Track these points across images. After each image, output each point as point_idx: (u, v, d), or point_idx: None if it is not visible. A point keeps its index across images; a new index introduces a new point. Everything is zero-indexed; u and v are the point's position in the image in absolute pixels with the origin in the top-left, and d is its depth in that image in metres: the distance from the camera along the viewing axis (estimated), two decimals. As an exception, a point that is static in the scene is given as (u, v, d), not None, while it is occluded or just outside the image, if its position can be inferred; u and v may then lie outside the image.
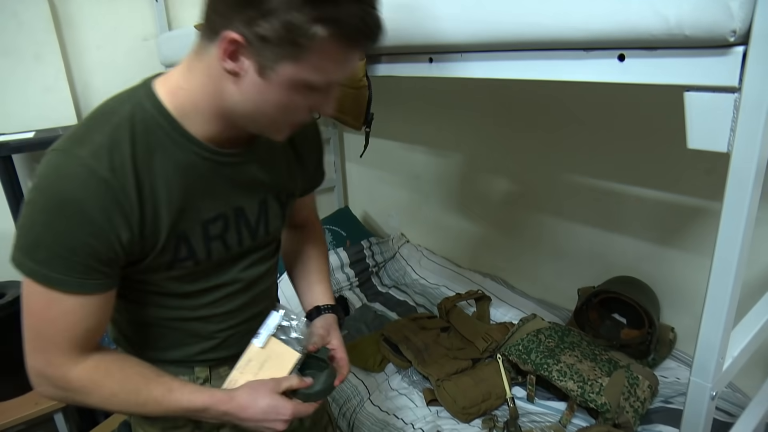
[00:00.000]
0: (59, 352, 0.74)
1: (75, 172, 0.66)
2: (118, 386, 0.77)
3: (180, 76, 0.73)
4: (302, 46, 0.64)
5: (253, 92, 0.69)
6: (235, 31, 0.64)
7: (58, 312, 0.71)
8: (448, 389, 1.54)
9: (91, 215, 0.67)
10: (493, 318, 1.93)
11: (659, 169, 1.64)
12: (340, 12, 0.63)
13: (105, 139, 0.68)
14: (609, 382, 1.45)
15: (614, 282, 1.73)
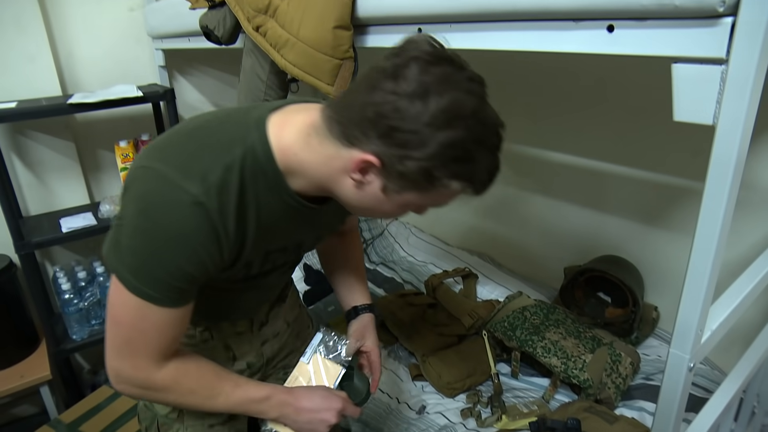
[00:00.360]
0: (147, 357, 0.80)
1: (188, 211, 0.70)
2: (195, 384, 0.85)
3: (296, 142, 0.76)
4: (432, 189, 0.70)
5: (369, 199, 0.74)
6: (374, 155, 0.68)
7: (151, 323, 0.77)
8: (433, 365, 1.56)
9: (196, 250, 0.72)
10: (479, 295, 1.95)
11: (647, 149, 1.65)
12: (476, 169, 0.69)
13: (217, 180, 0.71)
14: (592, 358, 1.47)
15: (600, 261, 1.74)
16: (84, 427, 1.67)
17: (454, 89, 0.66)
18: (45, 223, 1.94)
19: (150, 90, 1.97)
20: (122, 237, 0.73)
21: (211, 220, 0.72)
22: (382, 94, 0.66)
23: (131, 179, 0.74)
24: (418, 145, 0.65)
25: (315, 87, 1.00)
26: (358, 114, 0.68)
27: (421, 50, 0.67)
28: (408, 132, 0.65)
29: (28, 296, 1.95)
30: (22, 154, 1.97)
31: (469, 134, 0.66)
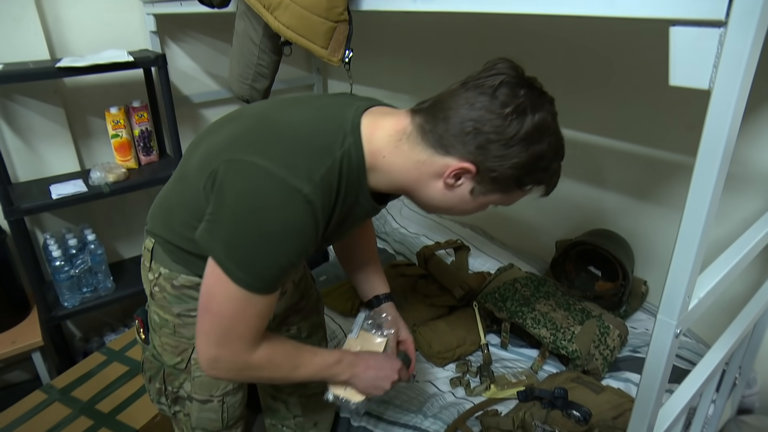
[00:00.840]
0: (246, 342, 0.86)
1: (301, 207, 0.77)
2: (282, 359, 0.93)
3: (386, 146, 0.85)
4: (515, 191, 0.85)
5: (455, 200, 0.86)
6: (471, 161, 0.80)
7: (254, 311, 0.84)
8: (423, 334, 1.57)
9: (304, 243, 0.80)
10: (471, 267, 1.96)
11: (641, 124, 1.64)
12: (550, 175, 0.85)
13: (320, 179, 0.79)
14: (581, 330, 1.49)
15: (592, 234, 1.75)
16: (76, 392, 1.68)
17: (541, 110, 0.79)
18: (34, 189, 1.92)
19: (141, 55, 1.94)
20: (231, 236, 0.79)
21: (316, 216, 0.79)
22: (481, 113, 0.77)
23: (226, 173, 0.78)
24: (512, 156, 0.78)
25: (308, 50, 0.98)
26: (457, 127, 0.79)
27: (508, 74, 0.81)
28: (504, 145, 0.77)
29: (19, 263, 1.94)
30: (10, 119, 1.94)
31: (550, 148, 0.80)
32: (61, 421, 1.57)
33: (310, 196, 0.77)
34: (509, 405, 1.39)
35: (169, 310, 1.01)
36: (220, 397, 1.11)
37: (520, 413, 1.28)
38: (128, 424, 1.56)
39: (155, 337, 1.07)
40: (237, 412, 1.17)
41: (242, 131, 0.83)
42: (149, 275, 1.03)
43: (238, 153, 0.79)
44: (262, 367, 0.91)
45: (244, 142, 0.81)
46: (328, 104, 0.89)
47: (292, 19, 0.98)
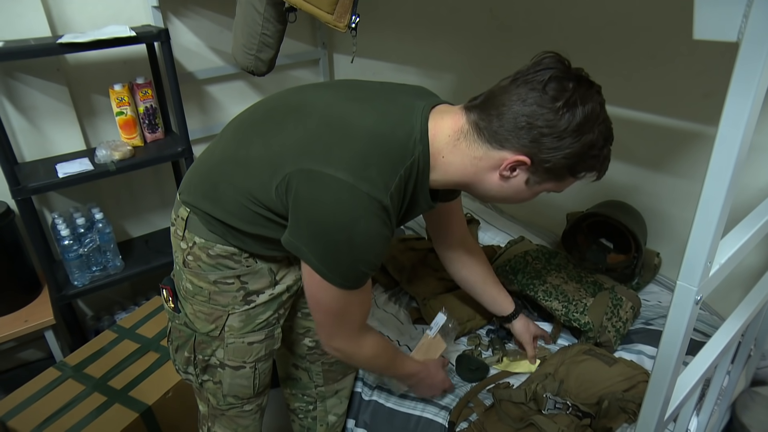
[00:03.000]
0: (354, 332, 1.02)
1: (383, 216, 0.85)
2: (382, 351, 1.11)
3: (446, 146, 0.91)
4: (569, 179, 0.90)
5: (511, 191, 0.92)
6: (525, 154, 0.85)
7: (355, 303, 0.96)
8: (433, 307, 1.56)
9: (387, 244, 0.90)
10: (481, 241, 1.94)
11: (654, 92, 1.60)
12: (602, 161, 0.90)
13: (395, 188, 0.86)
14: (593, 302, 1.47)
15: (603, 206, 1.72)
16: (89, 369, 1.70)
17: (590, 101, 0.83)
18: (41, 168, 1.92)
19: (143, 31, 1.90)
20: (325, 249, 0.86)
21: (392, 221, 0.88)
22: (533, 108, 0.82)
23: (303, 184, 0.83)
24: (566, 146, 0.83)
25: (314, 16, 0.95)
26: (511, 123, 0.84)
27: (556, 68, 0.84)
28: (557, 137, 0.82)
29: (28, 243, 1.94)
30: (14, 98, 1.93)
31: (600, 135, 0.85)
32: (75, 398, 1.59)
33: (388, 206, 0.85)
34: (521, 378, 1.38)
35: (204, 277, 1.04)
36: (253, 363, 1.15)
37: (532, 385, 1.28)
38: (141, 400, 1.57)
39: (186, 305, 1.10)
40: (267, 378, 1.22)
41: (312, 136, 0.87)
42: (182, 244, 1.05)
43: (312, 163, 0.83)
44: (368, 355, 1.06)
45: (317, 151, 0.85)
46: (394, 104, 0.93)
47: (297, -16, 0.95)
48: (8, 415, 1.54)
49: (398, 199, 0.88)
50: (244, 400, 1.20)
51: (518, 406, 1.25)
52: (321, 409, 1.41)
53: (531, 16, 1.78)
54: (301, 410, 1.43)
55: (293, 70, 2.63)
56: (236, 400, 1.20)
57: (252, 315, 1.11)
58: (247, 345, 1.11)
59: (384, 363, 1.13)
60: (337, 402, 1.42)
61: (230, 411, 1.22)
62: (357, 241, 0.85)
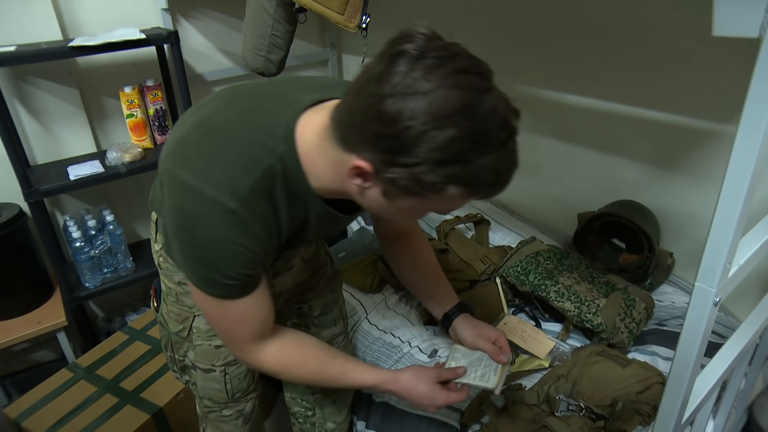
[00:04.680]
0: (246, 343, 0.90)
1: (226, 221, 0.74)
2: (301, 369, 0.94)
3: (314, 147, 0.76)
4: (428, 195, 0.67)
5: (376, 204, 0.74)
6: (367, 161, 0.67)
7: (235, 316, 0.85)
8: (445, 309, 1.55)
9: (241, 252, 0.77)
10: (491, 242, 1.93)
11: (667, 90, 1.58)
12: (474, 171, 0.63)
13: (247, 192, 0.74)
14: (606, 303, 1.46)
15: (615, 206, 1.70)
16: (101, 370, 1.70)
17: (437, 86, 0.60)
18: (52, 171, 1.93)
19: (153, 33, 1.91)
20: (177, 248, 0.80)
21: (249, 226, 0.76)
22: (366, 98, 0.63)
23: (165, 183, 0.79)
24: (402, 150, 0.62)
25: (324, 16, 0.94)
26: (349, 118, 0.67)
27: (411, 44, 0.63)
28: (390, 137, 0.61)
29: (40, 245, 1.95)
30: (25, 101, 1.94)
31: (458, 133, 0.60)
32: (88, 399, 1.59)
33: (237, 211, 0.74)
34: (533, 379, 1.37)
35: (171, 278, 1.03)
36: (222, 367, 1.10)
37: (545, 387, 1.26)
38: (152, 402, 1.58)
39: (163, 305, 1.10)
40: (242, 383, 1.16)
41: (184, 136, 0.80)
42: (155, 246, 1.05)
43: (175, 164, 0.78)
44: (276, 372, 0.93)
45: (182, 152, 0.78)
46: (274, 100, 0.81)
47: (307, -15, 0.94)
48: (22, 416, 1.55)
49: (261, 203, 0.76)
50: (221, 404, 1.17)
51: (531, 407, 1.23)
52: (319, 416, 1.38)
53: (542, 15, 1.76)
54: (300, 414, 1.41)
55: (302, 71, 2.63)
56: (212, 403, 1.17)
57: None
58: (215, 348, 1.08)
59: (308, 376, 0.96)
60: (335, 410, 1.38)
61: (210, 414, 1.19)
62: (200, 246, 0.76)
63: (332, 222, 0.92)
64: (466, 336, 1.11)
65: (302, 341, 0.96)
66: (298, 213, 0.83)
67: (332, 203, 0.85)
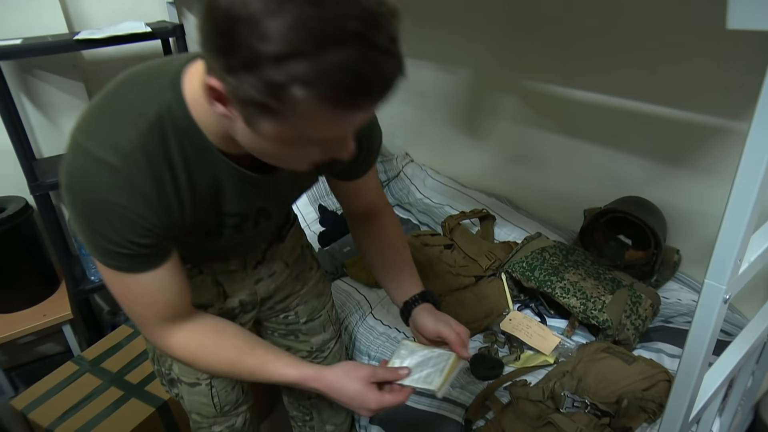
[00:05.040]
0: (155, 325, 0.81)
1: (106, 179, 0.66)
2: (214, 359, 0.84)
3: (199, 88, 0.66)
4: (280, 109, 0.54)
5: (247, 139, 0.63)
6: (216, 77, 0.56)
7: (137, 291, 0.77)
8: (450, 304, 1.55)
9: (127, 216, 0.68)
10: (497, 237, 1.92)
11: (674, 86, 1.56)
12: (322, 68, 0.51)
13: (130, 147, 0.66)
14: (612, 299, 1.45)
15: (622, 202, 1.69)
16: (106, 363, 1.71)
17: None
18: (58, 164, 1.92)
19: (158, 26, 1.91)
20: (70, 213, 0.73)
21: (135, 187, 0.67)
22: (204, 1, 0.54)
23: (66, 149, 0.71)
24: (238, 47, 0.51)
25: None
26: (198, 33, 0.57)
27: None
28: (224, 35, 0.52)
29: (46, 238, 1.96)
30: (31, 95, 1.94)
31: (295, 19, 0.49)
32: (93, 392, 1.60)
33: (116, 166, 0.65)
34: (538, 375, 1.37)
35: None
36: (207, 380, 1.07)
37: (550, 383, 1.26)
38: (157, 395, 1.58)
39: None
40: (231, 396, 1.12)
41: (92, 101, 0.73)
42: None
43: (73, 128, 0.70)
44: (186, 360, 0.84)
45: (81, 114, 0.71)
46: (169, 58, 0.74)
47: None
48: (28, 408, 1.56)
49: (153, 163, 0.67)
50: (210, 419, 1.12)
51: (536, 404, 1.23)
52: (317, 420, 1.36)
53: (548, 9, 1.75)
54: (299, 419, 1.39)
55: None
56: (201, 418, 1.13)
57: None
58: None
59: (222, 367, 0.85)
60: (333, 413, 1.36)
61: (199, 431, 1.15)
62: (86, 209, 0.68)
63: (257, 189, 0.80)
64: (427, 323, 0.96)
65: (220, 329, 0.86)
66: (204, 177, 0.73)
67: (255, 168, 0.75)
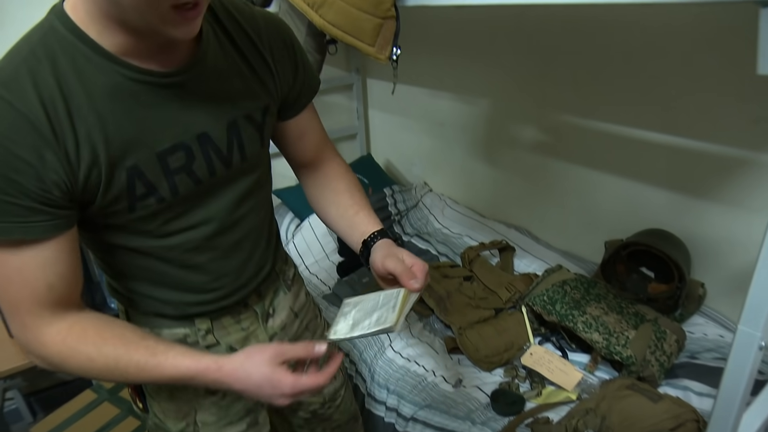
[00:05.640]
0: (28, 313, 0.69)
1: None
2: (95, 350, 0.70)
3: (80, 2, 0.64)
4: None
5: None
6: None
7: (13, 268, 0.66)
8: (470, 338, 1.53)
9: (11, 150, 0.60)
10: (516, 269, 1.91)
11: (697, 118, 1.55)
12: None
13: (16, 70, 0.62)
14: (635, 335, 1.42)
15: (644, 234, 1.67)
16: (124, 392, 1.71)
17: None
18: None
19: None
20: None
21: (18, 111, 0.60)
22: None
23: None
24: None
25: (355, 47, 0.95)
26: None
27: None
28: None
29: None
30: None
31: None
32: (111, 421, 1.60)
33: (4, 95, 0.60)
34: (561, 412, 1.34)
35: None
36: None
37: (573, 421, 1.23)
38: (174, 425, 1.57)
39: (154, 403, 0.95)
40: None
41: None
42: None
43: None
44: (62, 355, 0.70)
45: None
46: None
47: (338, 17, 0.95)
48: (46, 436, 1.56)
49: (30, 82, 0.61)
50: None
51: (559, 443, 1.20)
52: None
53: (569, 41, 1.76)
54: None
55: (327, 95, 2.66)
56: None
57: (224, 405, 0.94)
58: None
59: (104, 362, 0.71)
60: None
61: None
62: None
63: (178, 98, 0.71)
64: (376, 258, 0.87)
65: (107, 320, 0.74)
66: (108, 92, 0.66)
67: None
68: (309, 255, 2.08)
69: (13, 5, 1.78)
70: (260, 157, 0.88)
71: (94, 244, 0.80)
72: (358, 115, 2.73)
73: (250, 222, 0.89)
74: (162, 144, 0.71)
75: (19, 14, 1.77)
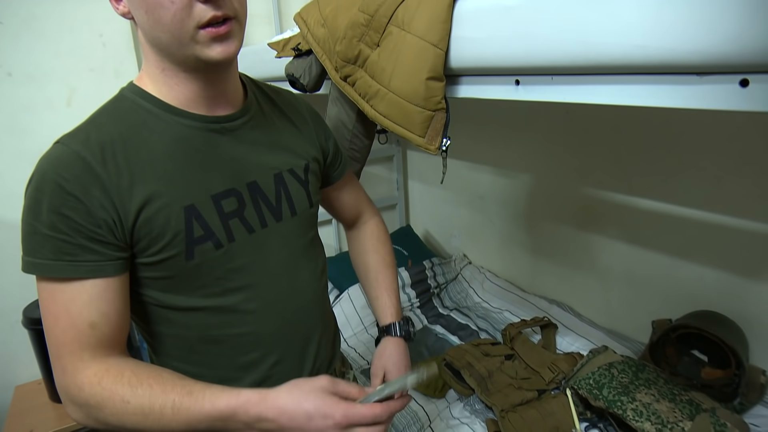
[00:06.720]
0: (70, 354, 0.69)
1: (51, 153, 0.69)
2: (129, 391, 0.67)
3: (145, 72, 0.78)
4: None
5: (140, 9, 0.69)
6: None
7: (62, 306, 0.68)
8: (513, 421, 1.47)
9: (64, 188, 0.66)
10: (559, 347, 1.85)
11: (748, 195, 1.52)
12: None
13: (85, 126, 0.72)
14: (692, 426, 1.34)
15: (695, 316, 1.61)
16: None
17: None
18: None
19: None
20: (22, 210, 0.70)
21: (76, 155, 0.68)
22: None
23: None
24: None
25: (405, 138, 0.99)
26: None
27: None
28: None
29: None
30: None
31: None
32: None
33: (64, 141, 0.70)
34: None
35: None
36: None
37: None
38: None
39: None
40: None
41: None
42: None
43: None
44: (98, 398, 0.67)
45: None
46: None
47: (389, 108, 0.99)
48: None
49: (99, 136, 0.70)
50: None
51: None
52: None
53: (610, 119, 1.77)
54: None
55: (367, 166, 2.71)
56: None
57: None
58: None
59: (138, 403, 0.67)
60: None
61: None
62: (29, 193, 0.68)
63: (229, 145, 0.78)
64: (375, 354, 0.98)
65: (148, 364, 0.73)
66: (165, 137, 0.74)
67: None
68: (348, 328, 2.06)
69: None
70: (311, 220, 0.92)
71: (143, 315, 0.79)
72: (398, 185, 2.77)
73: (310, 290, 0.90)
74: (216, 188, 0.76)
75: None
